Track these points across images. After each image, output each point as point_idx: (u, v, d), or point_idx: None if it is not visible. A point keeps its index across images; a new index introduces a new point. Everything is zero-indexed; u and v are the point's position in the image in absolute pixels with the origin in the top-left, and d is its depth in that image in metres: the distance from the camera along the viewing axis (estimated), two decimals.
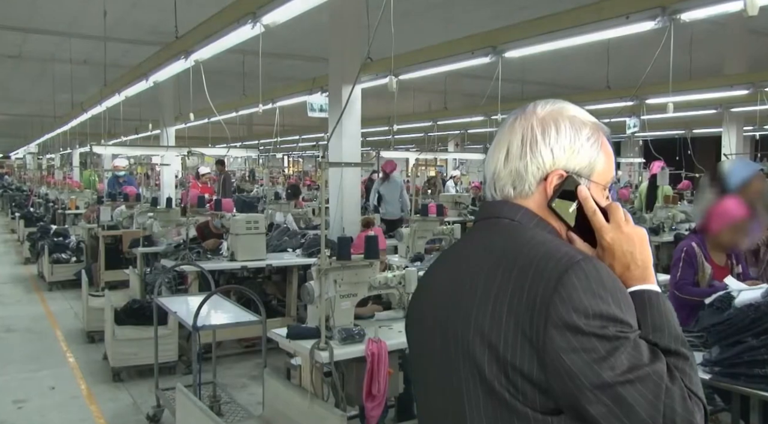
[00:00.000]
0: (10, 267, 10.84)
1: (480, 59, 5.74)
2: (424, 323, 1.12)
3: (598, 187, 1.08)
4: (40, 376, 5.31)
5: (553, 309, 0.91)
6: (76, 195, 12.81)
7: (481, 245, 1.07)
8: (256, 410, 4.23)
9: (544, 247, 0.98)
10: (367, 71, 5.80)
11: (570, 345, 0.90)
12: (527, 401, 0.94)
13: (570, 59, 8.44)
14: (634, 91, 7.22)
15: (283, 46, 7.67)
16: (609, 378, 0.89)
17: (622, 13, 4.29)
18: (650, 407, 0.89)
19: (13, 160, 34.81)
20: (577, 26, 4.65)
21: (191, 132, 12.41)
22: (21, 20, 7.51)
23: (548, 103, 1.12)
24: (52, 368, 5.55)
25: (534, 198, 1.07)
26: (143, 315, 5.19)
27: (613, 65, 7.88)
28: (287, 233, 6.84)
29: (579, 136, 1.08)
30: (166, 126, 10.91)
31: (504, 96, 7.08)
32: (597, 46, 5.97)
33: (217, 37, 4.87)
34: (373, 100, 7.23)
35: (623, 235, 1.03)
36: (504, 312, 0.95)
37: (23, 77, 11.79)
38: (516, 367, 0.94)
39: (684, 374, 0.94)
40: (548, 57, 6.04)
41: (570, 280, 0.92)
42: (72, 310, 7.55)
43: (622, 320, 0.92)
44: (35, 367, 5.57)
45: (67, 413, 4.56)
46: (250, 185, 16.33)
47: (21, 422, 4.42)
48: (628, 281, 1.01)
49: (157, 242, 6.88)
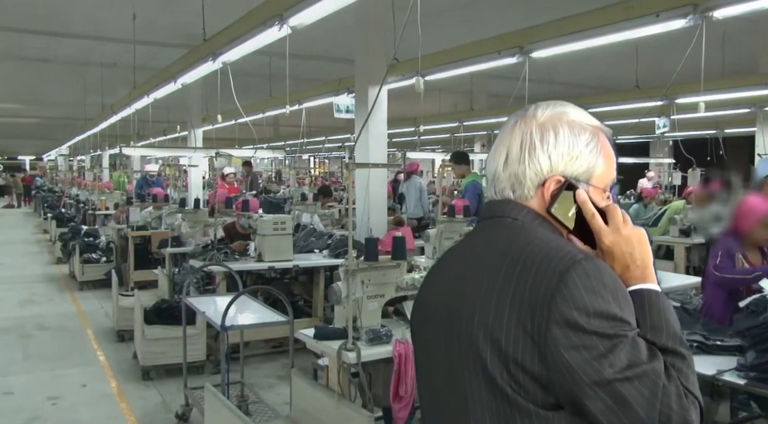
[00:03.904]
0: (43, 267, 11.06)
1: (507, 60, 5.71)
2: (428, 319, 1.14)
3: (598, 190, 1.10)
4: (72, 373, 5.41)
5: (555, 306, 0.93)
6: (106, 196, 13.03)
7: (485, 244, 1.09)
8: (283, 410, 4.25)
9: (547, 245, 1.00)
10: (394, 72, 5.80)
11: (571, 342, 0.92)
12: (528, 396, 0.96)
13: (598, 59, 8.34)
14: (664, 90, 7.11)
15: (309, 48, 7.71)
16: (608, 375, 0.91)
17: (651, 11, 4.23)
18: (647, 405, 0.91)
19: (46, 162, 35.53)
20: (606, 25, 4.60)
21: (218, 133, 12.53)
22: (53, 25, 7.66)
23: (549, 106, 1.12)
24: (84, 365, 5.64)
25: (533, 202, 1.09)
26: (172, 315, 5.24)
27: (642, 64, 7.78)
28: (314, 233, 6.87)
29: (578, 142, 1.08)
30: (193, 128, 11.03)
31: (531, 96, 7.00)
32: (625, 45, 5.89)
33: (244, 39, 4.92)
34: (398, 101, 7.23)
35: (622, 237, 1.05)
36: (507, 308, 0.97)
37: (55, 81, 12.01)
38: (518, 362, 0.95)
39: (681, 372, 0.96)
40: (575, 57, 5.98)
41: (572, 278, 0.94)
42: (102, 309, 7.68)
43: (622, 318, 0.94)
44: (67, 364, 5.67)
45: (98, 411, 4.63)
46: (277, 186, 16.43)
47: (54, 418, 4.50)
48: (628, 281, 1.03)
49: (186, 243, 6.96)
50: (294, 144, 17.42)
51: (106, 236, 9.75)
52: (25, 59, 9.87)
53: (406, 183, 9.35)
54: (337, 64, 8.66)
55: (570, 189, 1.07)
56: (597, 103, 9.73)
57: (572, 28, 4.89)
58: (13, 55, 9.62)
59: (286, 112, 6.14)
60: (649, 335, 0.98)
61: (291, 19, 4.20)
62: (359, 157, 5.86)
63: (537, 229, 1.07)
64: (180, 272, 6.51)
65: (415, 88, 4.74)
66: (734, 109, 9.71)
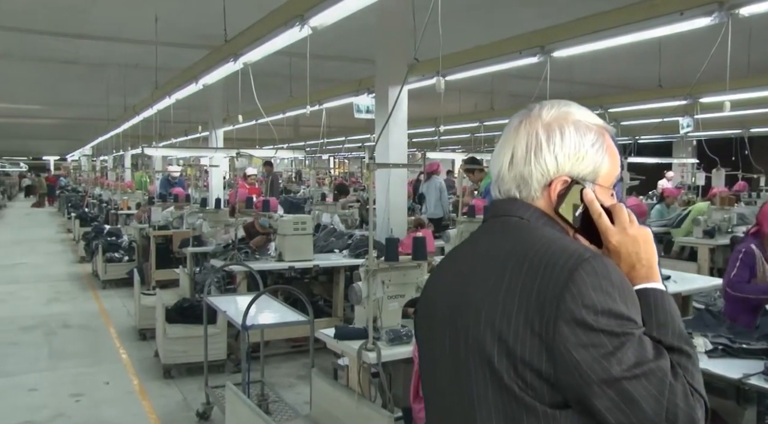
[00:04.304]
0: (67, 265, 11.21)
1: (528, 59, 5.67)
2: (433, 318, 1.14)
3: (604, 189, 1.10)
4: (95, 371, 5.48)
5: (563, 305, 0.93)
6: (128, 196, 13.18)
7: (491, 242, 1.09)
8: (303, 410, 4.26)
9: (554, 244, 1.00)
10: (414, 72, 5.79)
11: (579, 340, 0.92)
12: (536, 394, 0.96)
13: (619, 57, 8.24)
14: (688, 89, 7.02)
15: (329, 48, 7.71)
16: (616, 373, 0.92)
17: (675, 9, 4.17)
18: (654, 402, 0.92)
19: (69, 163, 36.06)
20: (629, 24, 4.55)
21: (239, 134, 12.61)
22: (76, 27, 7.74)
23: (554, 106, 1.12)
24: (106, 363, 5.71)
25: (539, 202, 1.10)
26: (193, 314, 5.29)
27: (665, 63, 7.67)
28: (334, 233, 6.88)
29: (583, 143, 1.09)
30: (214, 128, 11.12)
31: (552, 96, 6.95)
32: (648, 44, 5.81)
33: (265, 40, 4.94)
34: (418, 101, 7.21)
35: (628, 236, 1.05)
36: (514, 307, 0.97)
37: (78, 82, 12.15)
38: (525, 360, 0.96)
39: (686, 370, 0.96)
40: (597, 56, 5.91)
41: (580, 276, 0.94)
42: (125, 308, 7.76)
43: (629, 316, 0.95)
44: (90, 362, 5.75)
45: (120, 408, 4.68)
46: (297, 186, 16.49)
47: (78, 415, 4.56)
48: (634, 280, 1.03)
49: (207, 242, 7.01)
50: (314, 144, 17.47)
51: (129, 236, 9.87)
52: (49, 61, 10.00)
53: (427, 183, 9.34)
54: (357, 64, 8.66)
55: (576, 189, 1.07)
56: (619, 102, 9.64)
57: (594, 27, 4.85)
58: (37, 57, 9.76)
59: (307, 113, 6.15)
60: (656, 333, 0.98)
61: (312, 20, 4.21)
62: (380, 157, 5.86)
63: (543, 227, 1.07)
64: (201, 271, 6.57)
65: (436, 89, 4.72)
66: (760, 108, 9.56)
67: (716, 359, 2.91)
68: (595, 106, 9.83)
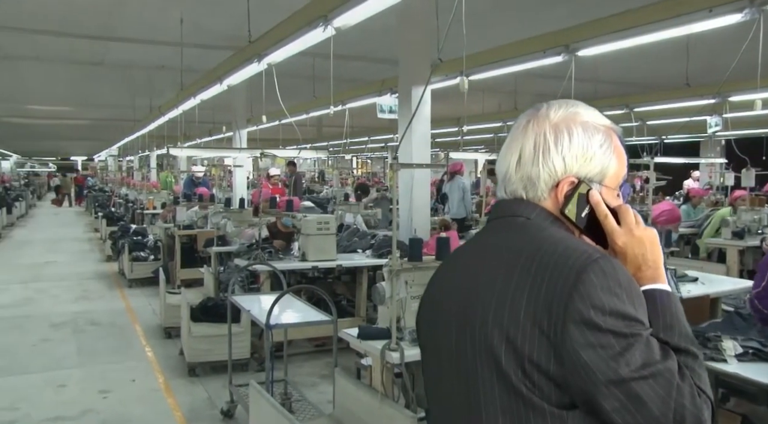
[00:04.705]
0: (94, 264, 11.39)
1: (552, 59, 5.62)
2: (438, 319, 1.14)
3: (610, 190, 1.10)
4: (122, 368, 5.56)
5: (572, 305, 0.93)
6: (154, 196, 13.33)
7: (498, 242, 1.09)
8: (326, 409, 4.27)
9: (562, 244, 1.01)
10: (438, 72, 5.77)
11: (587, 341, 0.93)
12: (543, 395, 0.96)
13: (646, 56, 8.12)
14: (717, 88, 6.90)
15: (352, 48, 7.72)
16: (624, 374, 0.92)
17: (704, 6, 4.10)
18: (662, 403, 0.92)
19: (96, 163, 36.64)
20: (657, 22, 4.48)
21: (262, 134, 12.69)
22: (104, 30, 7.86)
23: (561, 106, 1.12)
24: (133, 361, 5.79)
25: (546, 203, 1.10)
26: (217, 313, 5.33)
27: (693, 61, 7.54)
28: (357, 233, 6.89)
29: (591, 144, 1.09)
30: (238, 128, 11.20)
31: (576, 96, 6.91)
32: (676, 42, 5.73)
33: (289, 41, 4.96)
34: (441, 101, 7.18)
35: (634, 238, 1.06)
36: (522, 307, 0.97)
37: (105, 83, 12.33)
38: (533, 361, 0.96)
39: (693, 371, 0.96)
40: (622, 54, 5.84)
41: (589, 277, 0.94)
42: (150, 306, 7.86)
43: (636, 317, 0.95)
44: (117, 359, 5.83)
45: (146, 405, 4.75)
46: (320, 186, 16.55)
47: (106, 411, 4.63)
48: (640, 281, 1.04)
49: (231, 242, 7.07)
50: (337, 144, 17.52)
51: (154, 235, 9.99)
52: (78, 63, 10.16)
53: (450, 183, 9.32)
54: (380, 64, 8.66)
55: (583, 190, 1.07)
56: (645, 101, 9.52)
57: (620, 25, 4.79)
58: (66, 59, 9.93)
59: (330, 113, 6.17)
60: (662, 334, 0.98)
61: (335, 20, 4.21)
62: (403, 157, 5.86)
63: (550, 228, 1.07)
64: (225, 270, 6.62)
65: (459, 89, 4.70)
66: None
67: (747, 363, 2.86)
68: (621, 106, 9.74)
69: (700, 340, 3.07)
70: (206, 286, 7.04)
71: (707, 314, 4.10)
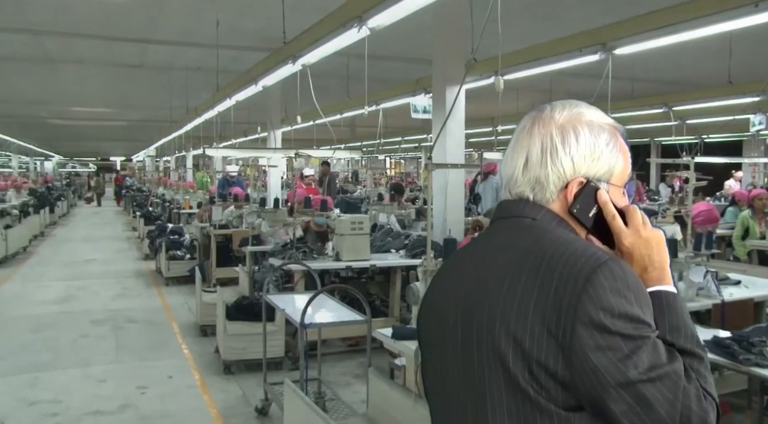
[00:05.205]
0: (132, 263, 11.62)
1: (589, 57, 5.54)
2: (442, 320, 1.12)
3: (617, 189, 1.11)
4: (159, 365, 5.66)
5: (582, 308, 0.93)
6: (190, 195, 13.55)
7: (505, 244, 1.08)
8: (359, 408, 4.28)
9: (571, 246, 1.00)
10: (472, 72, 5.73)
11: (596, 343, 0.92)
12: (550, 397, 0.96)
13: (685, 53, 7.94)
14: (761, 85, 6.72)
15: (386, 48, 7.73)
16: (633, 376, 0.92)
17: (749, 1, 3.98)
18: (669, 406, 0.92)
19: (134, 163, 37.39)
20: (698, 18, 4.37)
21: (296, 134, 12.79)
22: (142, 32, 8.02)
23: (565, 107, 1.12)
24: (169, 358, 5.89)
25: (554, 205, 1.09)
26: (252, 311, 5.38)
27: (735, 58, 7.35)
28: (391, 233, 6.89)
29: (598, 143, 1.09)
30: (273, 129, 11.31)
31: (613, 94, 6.79)
32: (717, 38, 5.59)
33: (323, 42, 4.98)
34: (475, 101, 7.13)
35: (641, 239, 1.06)
36: (530, 308, 0.97)
37: (143, 85, 12.59)
38: (541, 363, 0.96)
39: (699, 374, 0.97)
40: (661, 52, 5.72)
41: (598, 279, 0.94)
42: (186, 304, 7.98)
43: (644, 320, 0.95)
44: (154, 356, 5.93)
45: (183, 401, 4.82)
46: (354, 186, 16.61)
47: (144, 406, 4.72)
48: (646, 283, 1.03)
49: (265, 241, 7.13)
50: (370, 144, 17.57)
51: (190, 234, 10.13)
52: (116, 66, 10.40)
53: (483, 183, 9.26)
54: (414, 64, 8.65)
55: (591, 192, 1.08)
56: (684, 100, 9.32)
57: (660, 22, 4.68)
58: (106, 62, 10.16)
59: (365, 113, 6.19)
60: (668, 336, 0.98)
61: (370, 21, 4.22)
62: (437, 157, 5.84)
63: (556, 229, 1.07)
64: (260, 269, 6.69)
65: (495, 88, 4.66)
66: None
67: None
68: (659, 105, 9.55)
69: (743, 345, 2.99)
70: (241, 285, 7.13)
71: (751, 319, 3.99)
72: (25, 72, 11.27)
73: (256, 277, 6.63)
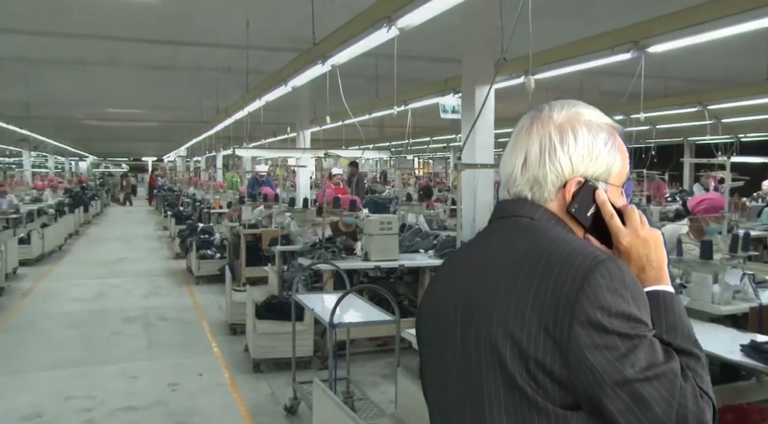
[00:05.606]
0: (164, 261, 11.79)
1: (621, 56, 5.45)
2: (441, 319, 1.13)
3: (615, 189, 1.11)
4: (190, 363, 5.73)
5: (579, 307, 0.94)
6: (220, 195, 13.69)
7: (503, 243, 1.09)
8: (388, 408, 4.28)
9: (569, 246, 1.01)
10: (502, 72, 5.69)
11: (593, 342, 0.93)
12: (547, 395, 0.97)
13: (721, 50, 7.76)
14: None
15: (415, 48, 7.71)
16: (629, 375, 0.92)
17: None
18: (665, 405, 0.92)
19: (166, 163, 37.91)
20: (736, 14, 4.27)
21: (325, 134, 12.84)
22: (173, 34, 8.13)
23: (564, 107, 1.12)
24: (200, 356, 5.96)
25: (552, 204, 1.10)
26: (281, 311, 5.42)
27: None
28: (419, 234, 6.88)
29: (596, 142, 1.10)
30: (302, 129, 11.37)
31: (646, 93, 6.68)
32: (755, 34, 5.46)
33: (352, 42, 4.99)
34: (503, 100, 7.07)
35: (639, 238, 1.06)
36: (528, 308, 0.97)
37: (174, 86, 12.74)
38: (538, 361, 0.96)
39: (695, 373, 0.97)
40: (695, 49, 5.60)
41: (596, 279, 0.94)
42: (216, 303, 8.07)
43: (641, 319, 0.96)
44: (185, 354, 6.02)
45: (213, 399, 4.88)
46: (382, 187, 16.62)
47: (175, 403, 4.79)
48: (644, 282, 1.04)
49: (295, 241, 7.18)
50: (399, 144, 17.55)
51: (220, 234, 10.25)
52: (148, 67, 10.56)
53: None
54: (443, 64, 8.61)
55: (589, 191, 1.08)
56: (720, 98, 9.11)
57: (695, 19, 4.58)
58: (138, 64, 10.32)
59: (394, 113, 6.18)
60: (665, 335, 0.99)
61: (399, 21, 4.21)
62: (466, 157, 5.81)
63: (554, 229, 1.07)
64: (289, 269, 6.73)
65: (526, 88, 4.62)
66: None
67: None
68: (693, 103, 9.36)
69: None
70: (270, 284, 7.18)
71: None
72: (62, 74, 11.52)
73: (285, 276, 6.68)
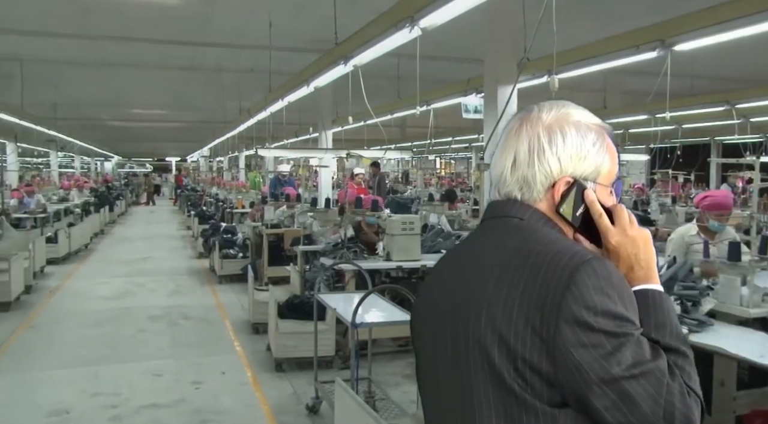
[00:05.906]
0: (187, 261, 11.91)
1: (646, 54, 5.38)
2: (433, 318, 1.15)
3: (604, 189, 1.12)
4: (212, 361, 5.78)
5: (565, 305, 0.95)
6: (243, 195, 13.78)
7: (492, 243, 1.10)
8: (409, 409, 4.28)
9: (556, 245, 1.02)
10: (525, 71, 5.65)
11: (579, 340, 0.94)
12: (535, 393, 0.98)
13: (749, 48, 7.63)
14: None
15: (437, 48, 7.70)
16: (615, 373, 0.93)
17: None
18: (652, 402, 0.93)
19: (189, 163, 38.30)
20: (762, 12, 4.19)
21: (347, 134, 12.88)
22: (198, 35, 8.21)
23: (553, 107, 1.14)
24: (222, 354, 6.01)
25: (541, 204, 1.11)
26: (303, 310, 5.44)
27: None
28: (441, 234, 6.87)
29: (585, 143, 1.11)
30: (324, 129, 11.40)
31: (672, 92, 6.59)
32: None
33: (375, 42, 4.99)
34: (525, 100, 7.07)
35: (628, 238, 1.07)
36: (515, 306, 0.99)
37: (196, 87, 12.87)
38: (525, 359, 0.97)
39: (683, 371, 0.98)
40: (722, 47, 5.51)
41: (581, 278, 0.96)
42: (239, 302, 8.13)
43: (627, 317, 0.97)
44: (208, 352, 6.07)
45: (236, 397, 4.91)
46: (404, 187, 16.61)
47: (198, 401, 4.83)
48: (633, 281, 1.05)
49: (317, 241, 7.20)
50: (421, 145, 17.53)
51: (243, 233, 10.31)
52: (172, 68, 10.69)
53: None
54: (466, 64, 8.59)
55: (578, 191, 1.09)
56: (748, 97, 8.95)
57: (723, 17, 4.51)
58: (162, 65, 10.46)
59: (417, 113, 6.17)
60: (654, 334, 1.00)
61: (421, 21, 4.20)
62: (488, 157, 5.78)
63: (543, 229, 1.09)
64: (311, 269, 6.75)
65: (550, 88, 4.58)
66: None
67: None
68: (721, 102, 9.20)
69: None
70: (293, 283, 7.21)
71: None
72: (88, 76, 11.70)
73: (307, 276, 6.70)
